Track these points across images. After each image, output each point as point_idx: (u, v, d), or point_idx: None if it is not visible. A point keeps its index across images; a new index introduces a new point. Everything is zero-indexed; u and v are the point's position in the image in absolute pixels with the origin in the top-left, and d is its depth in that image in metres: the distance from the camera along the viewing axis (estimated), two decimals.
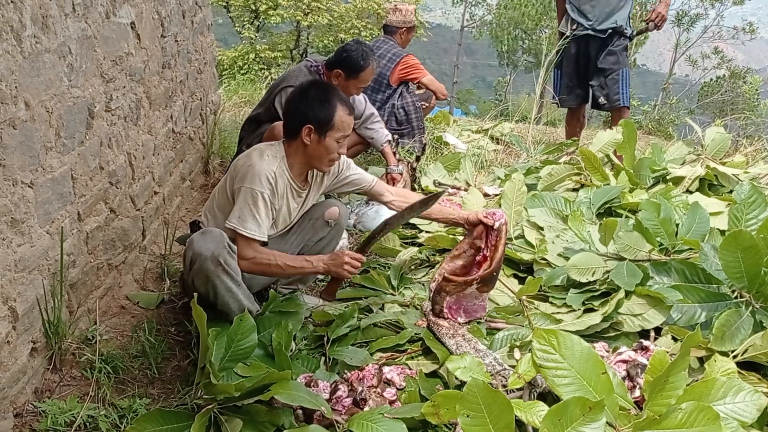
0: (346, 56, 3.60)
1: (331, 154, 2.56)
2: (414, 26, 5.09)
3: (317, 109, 2.50)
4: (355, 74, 3.59)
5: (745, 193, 2.88)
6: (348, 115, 2.55)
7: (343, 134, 2.55)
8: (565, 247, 3.16)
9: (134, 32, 2.81)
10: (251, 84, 8.04)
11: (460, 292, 2.61)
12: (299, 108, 2.54)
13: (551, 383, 1.94)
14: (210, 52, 4.30)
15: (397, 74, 4.87)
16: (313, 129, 2.50)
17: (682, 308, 2.52)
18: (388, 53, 4.89)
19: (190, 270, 2.41)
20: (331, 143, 2.53)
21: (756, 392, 1.91)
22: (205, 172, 4.17)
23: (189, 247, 2.40)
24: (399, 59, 4.86)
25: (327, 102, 2.51)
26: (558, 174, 4.03)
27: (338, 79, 3.60)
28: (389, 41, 5.00)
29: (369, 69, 3.60)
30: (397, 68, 4.86)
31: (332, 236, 2.89)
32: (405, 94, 4.93)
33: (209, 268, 2.35)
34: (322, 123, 2.50)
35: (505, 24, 26.41)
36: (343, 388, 2.22)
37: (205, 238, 2.38)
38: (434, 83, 5.08)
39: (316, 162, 2.60)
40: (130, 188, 2.84)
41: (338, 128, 2.52)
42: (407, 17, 5.03)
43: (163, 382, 2.37)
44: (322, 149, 2.54)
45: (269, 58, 19.53)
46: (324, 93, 2.54)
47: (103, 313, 2.59)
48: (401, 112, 4.88)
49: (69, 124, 2.22)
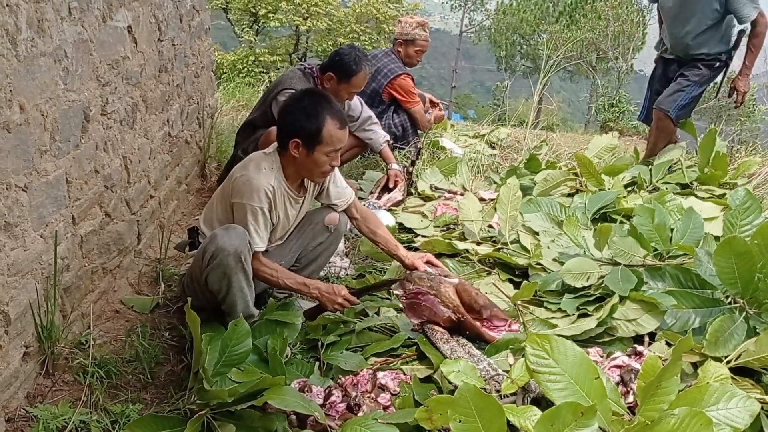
0: (339, 60, 3.59)
1: (322, 168, 2.52)
2: (414, 40, 4.79)
3: (305, 122, 2.44)
4: (346, 78, 3.59)
5: (739, 199, 2.88)
6: (339, 129, 2.46)
7: (333, 148, 2.48)
8: (560, 252, 3.16)
9: (131, 36, 2.81)
10: (249, 88, 8.05)
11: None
12: (288, 120, 2.50)
13: (544, 388, 1.93)
14: (207, 56, 4.31)
15: (388, 92, 4.78)
16: (300, 143, 2.46)
17: (677, 314, 2.52)
18: (385, 68, 4.76)
19: (207, 265, 2.38)
20: (319, 157, 2.48)
21: (749, 398, 1.91)
22: (202, 175, 4.17)
23: (211, 242, 2.37)
24: (393, 77, 4.74)
25: (315, 116, 2.44)
26: (554, 179, 4.03)
27: (330, 83, 3.60)
28: (390, 54, 4.85)
29: (361, 74, 3.59)
30: (387, 87, 4.76)
31: (331, 241, 2.89)
32: (401, 110, 4.85)
33: (230, 263, 2.35)
34: (309, 137, 2.44)
35: (504, 29, 26.54)
36: (337, 393, 2.22)
37: (229, 234, 2.37)
38: (419, 114, 4.89)
39: (307, 174, 2.59)
40: (126, 192, 2.84)
41: (327, 143, 2.45)
42: (404, 29, 4.81)
43: (156, 387, 2.37)
44: (311, 163, 2.49)
45: (268, 62, 19.59)
46: (314, 106, 2.46)
47: (97, 318, 2.59)
48: (399, 129, 4.85)
49: (64, 127, 2.22)
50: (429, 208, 3.96)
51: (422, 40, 4.81)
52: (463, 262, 3.30)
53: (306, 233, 2.83)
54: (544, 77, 6.12)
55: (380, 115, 4.77)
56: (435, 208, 3.92)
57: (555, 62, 6.59)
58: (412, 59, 4.87)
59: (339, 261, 3.31)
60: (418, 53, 4.86)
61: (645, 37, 19.27)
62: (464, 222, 3.59)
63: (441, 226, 3.73)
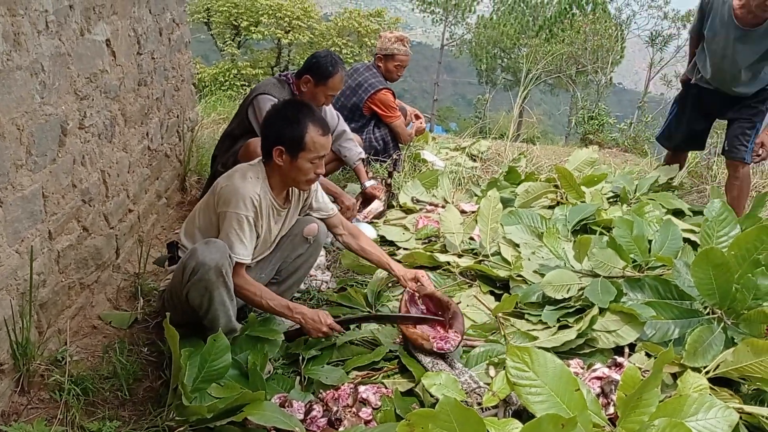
0: (315, 62, 3.58)
1: (307, 175, 2.53)
2: (394, 55, 4.78)
3: (287, 129, 2.46)
4: (323, 80, 3.57)
5: (716, 211, 2.91)
6: (321, 136, 2.48)
7: (317, 155, 2.50)
8: (541, 264, 3.17)
9: (109, 49, 2.80)
10: (230, 101, 8.03)
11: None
12: (271, 129, 2.52)
13: (525, 401, 1.93)
14: (187, 69, 4.29)
15: (368, 106, 4.78)
16: (284, 150, 2.48)
17: (656, 324, 2.54)
18: (366, 83, 4.77)
19: (188, 280, 2.35)
20: (303, 164, 2.49)
21: (727, 408, 1.92)
22: (182, 189, 4.14)
23: (191, 257, 2.34)
24: (373, 91, 4.74)
25: (297, 123, 2.46)
26: (534, 191, 4.06)
27: (307, 86, 3.58)
28: (371, 69, 4.85)
29: (338, 75, 3.57)
30: (368, 101, 4.76)
31: (310, 253, 2.88)
32: (381, 124, 4.85)
33: (211, 278, 2.32)
34: (293, 144, 2.46)
35: (484, 43, 26.77)
36: (318, 408, 2.21)
37: (209, 248, 2.34)
38: (400, 128, 4.89)
39: (292, 182, 2.59)
40: (104, 206, 2.81)
41: (310, 149, 2.47)
42: (384, 44, 4.81)
43: (134, 403, 2.33)
44: (296, 170, 2.51)
45: (250, 75, 19.57)
46: (295, 114, 2.49)
47: (73, 334, 2.55)
48: (380, 143, 4.86)
49: (41, 141, 2.20)
50: (410, 221, 3.96)
51: (401, 55, 4.82)
52: (445, 274, 3.30)
53: (285, 245, 2.81)
54: (524, 90, 6.18)
55: (361, 129, 4.78)
56: (416, 220, 3.92)
57: (535, 75, 6.66)
58: (393, 74, 4.89)
59: (320, 274, 3.30)
60: (398, 68, 4.88)
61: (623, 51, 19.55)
62: (445, 234, 3.60)
63: (422, 239, 3.73)
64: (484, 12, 28.93)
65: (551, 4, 26.07)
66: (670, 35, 20.60)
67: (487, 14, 28.24)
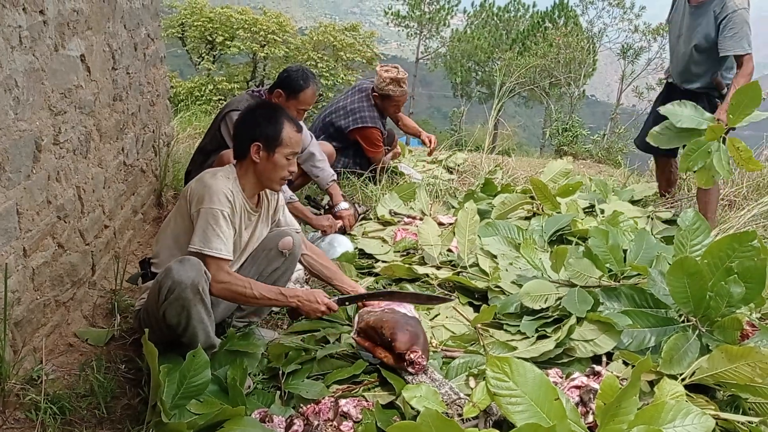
0: (287, 77, 3.62)
1: (282, 172, 2.59)
2: (389, 96, 4.83)
3: (264, 126, 2.54)
4: (294, 94, 3.60)
5: (689, 220, 2.95)
6: (296, 132, 2.58)
7: (292, 151, 2.58)
8: (518, 275, 3.20)
9: (84, 65, 2.78)
10: (206, 115, 8.00)
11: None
12: (247, 126, 2.58)
13: (505, 411, 1.94)
14: (163, 84, 4.27)
15: (354, 136, 4.83)
16: (261, 146, 2.54)
17: (632, 333, 2.57)
18: (358, 113, 4.80)
19: (165, 300, 2.32)
20: (280, 159, 2.55)
21: (704, 414, 1.96)
22: (159, 204, 4.11)
23: (166, 276, 2.31)
24: (361, 126, 4.78)
25: (274, 119, 2.56)
26: (511, 202, 4.10)
27: (279, 100, 3.60)
28: (367, 100, 4.86)
29: (309, 90, 3.60)
30: (354, 131, 4.80)
31: (287, 266, 2.87)
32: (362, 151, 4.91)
33: (188, 296, 2.29)
34: (270, 139, 2.53)
35: (459, 56, 27.07)
36: (299, 423, 2.19)
37: (184, 266, 2.31)
38: (379, 161, 4.95)
39: (266, 181, 2.61)
40: (79, 222, 2.78)
41: (286, 144, 2.55)
42: (379, 84, 4.85)
43: (112, 422, 2.30)
44: (272, 166, 2.56)
45: (226, 90, 19.54)
46: (271, 111, 2.60)
47: (49, 352, 2.51)
48: (357, 164, 4.92)
49: (14, 157, 2.17)
50: (389, 233, 3.97)
51: (397, 96, 4.88)
52: (423, 286, 3.31)
53: (261, 260, 2.80)
54: (498, 103, 6.23)
55: (342, 148, 4.84)
56: (394, 233, 3.94)
57: (509, 88, 6.73)
58: (388, 111, 4.99)
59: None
60: (394, 108, 4.98)
61: (595, 63, 19.89)
62: (424, 246, 3.62)
63: (401, 251, 3.74)
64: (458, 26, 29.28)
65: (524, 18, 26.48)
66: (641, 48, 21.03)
67: (461, 28, 28.56)
